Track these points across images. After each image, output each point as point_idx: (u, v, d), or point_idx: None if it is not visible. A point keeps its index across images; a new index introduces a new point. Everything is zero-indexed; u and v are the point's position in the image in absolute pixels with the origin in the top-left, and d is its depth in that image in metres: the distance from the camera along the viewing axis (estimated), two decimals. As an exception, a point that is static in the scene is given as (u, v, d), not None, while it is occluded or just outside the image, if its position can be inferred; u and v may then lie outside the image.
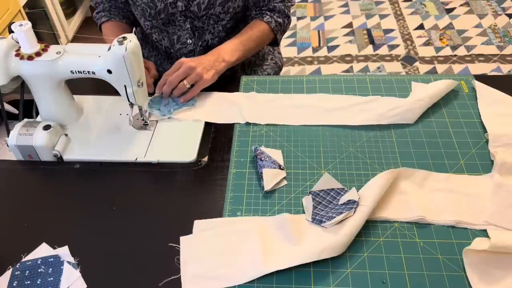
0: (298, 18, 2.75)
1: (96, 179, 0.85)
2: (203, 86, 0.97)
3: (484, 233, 0.71)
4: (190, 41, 1.10)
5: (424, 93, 0.93)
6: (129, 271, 0.70)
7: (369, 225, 0.73)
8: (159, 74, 1.21)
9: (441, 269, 0.67)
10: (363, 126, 0.91)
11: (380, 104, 0.94)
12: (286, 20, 1.12)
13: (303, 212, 0.75)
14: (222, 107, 0.97)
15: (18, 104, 0.90)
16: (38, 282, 0.69)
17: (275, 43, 1.16)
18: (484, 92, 0.95)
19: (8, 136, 0.86)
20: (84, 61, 0.83)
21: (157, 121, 0.94)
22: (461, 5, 2.76)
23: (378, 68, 2.32)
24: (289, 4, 1.12)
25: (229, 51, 1.01)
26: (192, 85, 0.96)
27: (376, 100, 0.95)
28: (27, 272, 0.70)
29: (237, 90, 1.01)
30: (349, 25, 2.65)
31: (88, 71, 0.84)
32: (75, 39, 2.62)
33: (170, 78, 0.95)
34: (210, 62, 0.97)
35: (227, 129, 0.93)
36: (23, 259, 0.71)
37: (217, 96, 1.00)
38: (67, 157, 0.88)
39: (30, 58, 0.82)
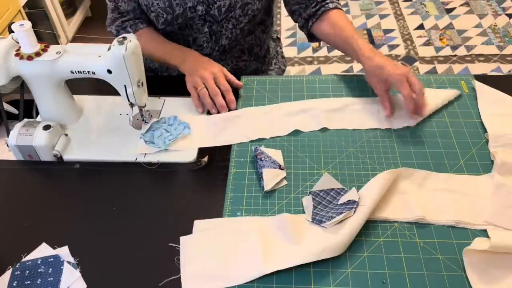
0: (298, 18, 2.75)
1: (96, 179, 0.85)
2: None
3: (484, 233, 0.71)
4: (207, 45, 1.08)
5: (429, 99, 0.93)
6: (129, 271, 0.69)
7: (369, 225, 0.73)
8: (162, 72, 1.20)
9: (441, 269, 0.67)
10: (363, 126, 0.91)
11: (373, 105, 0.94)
12: None
13: (303, 212, 0.76)
14: (220, 130, 0.91)
15: (18, 104, 0.90)
16: (38, 282, 0.69)
17: None
18: (484, 92, 0.95)
19: (8, 136, 0.86)
20: (84, 61, 0.83)
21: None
22: (461, 5, 2.76)
23: (378, 68, 2.32)
24: None
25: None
26: None
27: (365, 101, 0.95)
28: (27, 272, 0.70)
29: (238, 91, 1.01)
30: (349, 25, 2.65)
31: (88, 71, 0.84)
32: (75, 39, 2.62)
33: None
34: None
35: (227, 129, 0.92)
36: (23, 259, 0.71)
37: (209, 118, 0.94)
38: (67, 157, 0.88)
39: (30, 58, 0.82)
